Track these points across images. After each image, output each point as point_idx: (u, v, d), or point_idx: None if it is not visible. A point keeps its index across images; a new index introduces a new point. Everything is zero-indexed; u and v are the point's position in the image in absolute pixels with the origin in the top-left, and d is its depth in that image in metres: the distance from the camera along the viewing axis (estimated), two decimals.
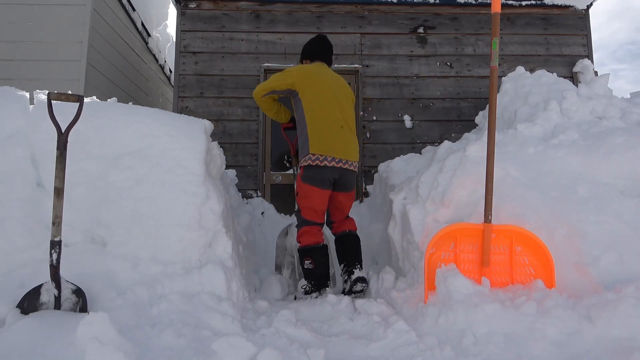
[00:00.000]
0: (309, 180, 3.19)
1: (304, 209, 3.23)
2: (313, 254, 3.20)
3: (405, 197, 3.16)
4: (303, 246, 3.23)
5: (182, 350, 1.81)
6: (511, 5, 5.31)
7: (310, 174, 3.18)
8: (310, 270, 3.20)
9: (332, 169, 3.18)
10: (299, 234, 3.26)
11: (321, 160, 3.16)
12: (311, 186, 3.18)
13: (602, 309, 1.91)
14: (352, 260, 3.29)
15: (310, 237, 3.21)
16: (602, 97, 3.58)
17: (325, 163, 3.16)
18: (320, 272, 3.21)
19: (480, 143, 2.83)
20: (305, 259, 3.22)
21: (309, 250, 3.21)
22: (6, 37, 4.96)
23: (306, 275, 3.24)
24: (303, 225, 3.24)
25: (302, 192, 3.23)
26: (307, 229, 3.22)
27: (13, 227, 2.40)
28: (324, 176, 3.18)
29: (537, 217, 2.50)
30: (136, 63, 6.61)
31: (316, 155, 3.16)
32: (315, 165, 3.16)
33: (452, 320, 2.11)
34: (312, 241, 3.21)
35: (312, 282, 3.19)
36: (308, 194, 3.20)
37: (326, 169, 3.17)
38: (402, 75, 5.18)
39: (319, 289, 3.18)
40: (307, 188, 3.20)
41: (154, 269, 2.37)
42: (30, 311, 2.00)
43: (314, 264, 3.18)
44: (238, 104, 5.01)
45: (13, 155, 2.58)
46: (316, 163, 3.16)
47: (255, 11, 5.17)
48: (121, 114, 2.77)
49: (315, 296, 3.11)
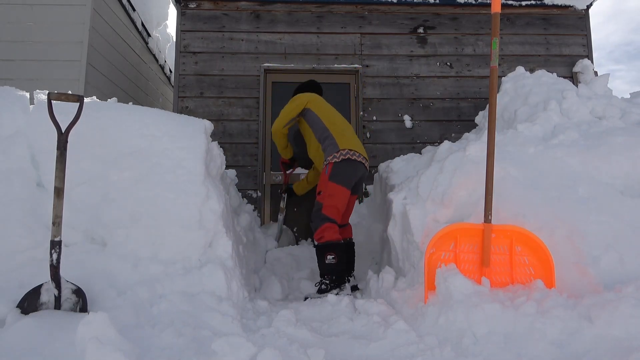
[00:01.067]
0: (337, 179, 3.33)
1: (328, 207, 3.30)
2: (337, 249, 3.23)
3: (405, 197, 3.16)
4: (325, 241, 3.24)
5: (182, 350, 1.82)
6: (511, 5, 5.31)
7: (339, 172, 3.33)
8: (333, 266, 3.21)
9: (361, 165, 3.42)
10: (321, 230, 3.28)
11: (355, 155, 3.38)
12: (338, 185, 3.32)
13: (602, 309, 1.91)
14: (349, 269, 3.50)
15: (333, 233, 3.26)
16: (602, 97, 3.57)
17: (358, 158, 3.40)
18: (341, 269, 3.24)
19: (480, 143, 2.83)
20: (327, 254, 3.22)
21: (332, 245, 3.23)
22: (6, 37, 4.96)
23: (327, 271, 3.22)
24: (325, 222, 3.28)
25: (327, 190, 3.33)
26: (330, 225, 3.27)
27: (13, 227, 2.40)
28: (354, 173, 3.37)
29: (537, 217, 2.50)
30: (136, 63, 6.60)
31: (346, 150, 3.37)
32: (347, 159, 3.34)
33: (452, 320, 2.11)
34: (335, 237, 3.26)
35: (333, 277, 3.20)
36: (334, 192, 3.32)
37: (358, 163, 3.39)
38: (402, 75, 5.18)
39: (340, 285, 3.19)
40: (333, 187, 3.32)
41: (154, 269, 2.37)
42: (30, 311, 2.00)
43: (337, 259, 3.21)
44: (238, 104, 5.00)
45: (13, 155, 2.58)
46: (347, 157, 3.34)
47: (255, 11, 5.17)
48: (121, 114, 2.77)
49: (336, 293, 3.09)
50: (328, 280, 3.20)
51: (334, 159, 3.37)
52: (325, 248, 3.24)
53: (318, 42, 5.16)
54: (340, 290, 3.15)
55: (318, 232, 3.29)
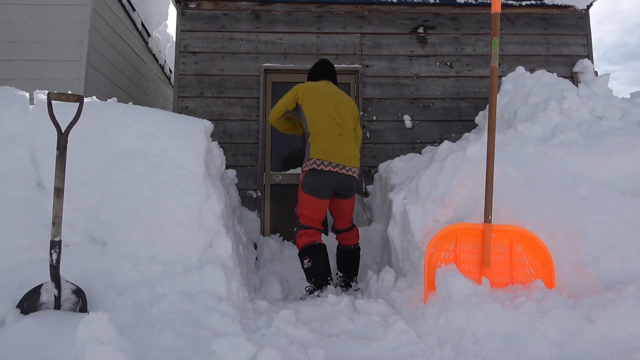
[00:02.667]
0: (308, 189, 3.30)
1: (302, 216, 3.33)
2: (310, 252, 3.24)
3: (405, 197, 3.16)
4: (301, 247, 3.28)
5: (182, 350, 1.82)
6: (511, 5, 5.31)
7: (310, 182, 3.29)
8: (310, 269, 3.24)
9: (331, 174, 3.29)
10: (297, 238, 3.32)
11: (323, 164, 3.27)
12: (310, 196, 3.29)
13: (602, 309, 1.91)
14: (350, 273, 3.52)
15: (306, 237, 3.28)
16: (602, 97, 3.57)
17: (325, 167, 3.28)
18: (319, 270, 3.24)
19: (480, 143, 2.83)
20: (304, 259, 3.26)
21: (306, 249, 3.25)
22: (6, 37, 4.96)
23: (307, 275, 3.27)
24: (299, 230, 3.32)
25: (300, 199, 3.35)
26: (303, 232, 3.30)
27: (13, 227, 2.40)
28: (323, 183, 3.28)
29: (537, 217, 2.50)
30: (136, 63, 6.60)
31: (314, 160, 3.29)
32: (318, 170, 3.27)
33: (452, 320, 2.11)
34: (308, 241, 3.26)
35: (313, 280, 3.23)
36: (306, 202, 3.32)
37: (326, 173, 3.27)
38: (402, 75, 5.18)
39: (320, 286, 3.20)
40: (305, 197, 3.32)
41: (154, 269, 2.37)
42: (30, 311, 2.00)
43: (312, 261, 3.22)
44: (238, 104, 5.00)
45: (13, 155, 2.58)
46: (313, 167, 3.27)
47: (255, 11, 5.17)
48: (121, 114, 2.77)
49: (317, 294, 3.11)
50: (311, 284, 3.24)
51: (305, 167, 3.35)
52: (301, 254, 3.27)
53: (318, 42, 5.16)
54: (320, 292, 3.14)
55: (296, 241, 3.34)
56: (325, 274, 3.27)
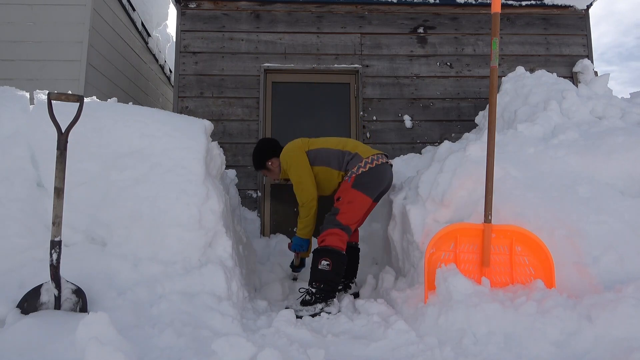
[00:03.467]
0: (361, 187, 3.05)
1: (344, 213, 3.02)
2: (334, 257, 2.91)
3: (405, 197, 3.16)
4: (325, 245, 2.94)
5: (182, 350, 1.81)
6: (511, 5, 5.31)
7: (367, 180, 3.06)
8: (325, 273, 2.87)
9: (385, 167, 3.16)
10: (326, 233, 2.98)
11: (377, 159, 3.12)
12: (361, 193, 3.05)
13: (602, 309, 1.91)
14: (351, 275, 3.38)
15: (337, 240, 2.97)
16: (602, 97, 3.58)
17: (382, 161, 3.14)
18: (333, 279, 2.91)
19: (480, 143, 2.83)
20: (322, 259, 2.88)
21: (331, 251, 2.92)
22: (6, 37, 4.96)
23: (317, 277, 2.89)
24: (334, 227, 2.99)
25: (348, 197, 3.05)
26: (338, 231, 2.99)
27: (13, 227, 2.40)
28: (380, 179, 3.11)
29: (537, 217, 2.50)
30: (136, 63, 6.60)
31: (370, 157, 3.11)
32: (374, 167, 3.08)
33: (452, 320, 2.11)
34: (337, 244, 2.95)
35: (322, 285, 2.86)
36: (355, 199, 3.04)
37: (380, 167, 3.11)
38: (402, 75, 5.18)
39: (327, 299, 2.84)
40: (355, 194, 3.04)
41: (154, 269, 2.37)
42: (30, 311, 2.00)
43: (331, 267, 2.87)
44: (238, 104, 5.00)
45: (13, 155, 2.58)
46: (375, 164, 3.09)
47: (255, 11, 5.17)
48: (121, 114, 2.77)
49: (321, 308, 2.77)
50: (315, 289, 2.86)
51: (357, 171, 3.08)
52: (322, 252, 2.93)
53: (318, 42, 5.16)
54: (325, 306, 2.79)
55: (321, 235, 3.01)
56: (336, 286, 2.96)
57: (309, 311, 2.75)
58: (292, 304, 2.90)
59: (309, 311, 2.75)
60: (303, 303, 2.84)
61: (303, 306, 2.82)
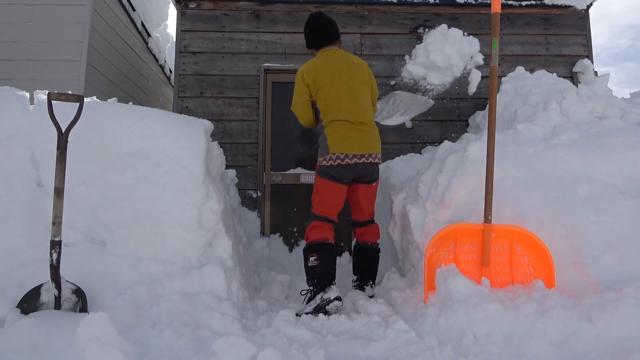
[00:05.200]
0: (325, 174, 2.99)
1: (316, 204, 3.00)
2: (319, 250, 2.89)
3: (405, 197, 3.17)
4: (309, 242, 2.94)
5: (182, 350, 1.81)
6: (511, 5, 5.30)
7: (329, 170, 2.98)
8: (315, 268, 2.86)
9: (351, 167, 2.99)
10: (308, 230, 2.98)
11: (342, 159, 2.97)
12: (326, 180, 2.98)
13: (602, 309, 1.91)
14: (367, 277, 3.16)
15: (318, 232, 2.93)
16: (602, 97, 3.58)
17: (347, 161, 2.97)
18: (325, 271, 2.86)
19: (480, 143, 2.83)
20: (310, 256, 2.89)
21: (316, 245, 2.91)
22: (6, 37, 4.96)
23: (309, 274, 2.90)
24: (311, 221, 2.98)
25: (316, 186, 3.03)
26: (317, 223, 2.96)
27: (13, 227, 2.40)
28: (341, 174, 2.99)
29: (537, 217, 2.50)
30: (136, 63, 6.60)
31: (336, 155, 2.97)
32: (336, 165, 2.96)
33: (452, 320, 2.11)
34: (320, 236, 2.92)
35: (315, 281, 2.84)
36: (322, 188, 3.00)
37: (345, 167, 2.97)
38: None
39: (324, 287, 2.78)
40: (321, 182, 3.00)
41: (154, 269, 2.37)
42: (30, 311, 2.00)
43: (319, 260, 2.85)
44: (238, 104, 5.00)
45: (13, 155, 2.58)
46: (337, 162, 2.96)
47: (255, 11, 5.17)
48: (121, 114, 2.77)
49: (321, 297, 2.74)
50: (312, 286, 2.86)
51: (323, 161, 3.01)
52: (308, 249, 2.92)
53: None
54: (324, 293, 2.75)
55: (305, 233, 2.99)
56: (330, 277, 2.88)
57: (311, 305, 2.74)
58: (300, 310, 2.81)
59: (311, 305, 2.74)
60: (308, 301, 2.84)
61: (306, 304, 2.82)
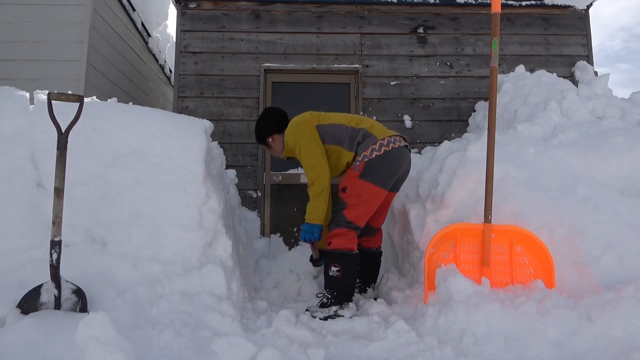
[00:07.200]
0: (371, 177, 2.74)
1: (352, 208, 2.76)
2: (343, 261, 2.73)
3: (405, 197, 3.17)
4: (332, 249, 2.75)
5: (182, 350, 1.82)
6: (511, 5, 5.31)
7: (376, 170, 2.74)
8: (335, 280, 2.73)
9: (402, 153, 2.84)
10: (332, 234, 2.78)
11: (393, 142, 2.79)
12: (370, 184, 2.74)
13: (602, 309, 1.91)
14: (369, 279, 3.17)
15: (344, 241, 2.76)
16: (602, 97, 3.58)
17: (398, 144, 2.81)
18: (346, 285, 2.75)
19: (480, 143, 2.83)
20: (332, 265, 2.73)
21: (339, 255, 2.74)
22: (6, 37, 4.95)
23: (329, 284, 2.77)
24: (341, 226, 2.78)
25: (355, 190, 2.76)
26: (345, 231, 2.76)
27: (13, 227, 2.40)
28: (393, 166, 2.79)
29: (537, 217, 2.50)
30: (136, 63, 6.60)
31: (386, 139, 2.78)
32: (390, 151, 2.76)
33: (452, 320, 2.11)
34: (345, 246, 2.75)
35: (336, 293, 2.73)
36: (363, 192, 2.75)
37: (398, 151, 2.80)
38: (402, 76, 5.18)
39: (341, 302, 2.70)
40: (363, 186, 2.74)
41: (154, 269, 2.37)
42: (30, 311, 1.99)
43: (341, 273, 2.71)
44: (238, 104, 5.00)
45: (13, 155, 2.58)
46: (390, 146, 2.77)
47: (255, 11, 5.17)
48: (121, 114, 2.77)
49: (335, 310, 2.65)
50: (329, 295, 2.75)
51: (369, 155, 2.77)
52: (331, 257, 2.76)
53: (318, 42, 5.16)
54: (339, 309, 2.66)
55: (329, 236, 2.81)
56: (351, 291, 2.78)
57: (323, 313, 2.66)
58: (312, 307, 2.80)
59: (324, 313, 2.66)
60: (322, 306, 2.75)
61: (320, 308, 2.74)
